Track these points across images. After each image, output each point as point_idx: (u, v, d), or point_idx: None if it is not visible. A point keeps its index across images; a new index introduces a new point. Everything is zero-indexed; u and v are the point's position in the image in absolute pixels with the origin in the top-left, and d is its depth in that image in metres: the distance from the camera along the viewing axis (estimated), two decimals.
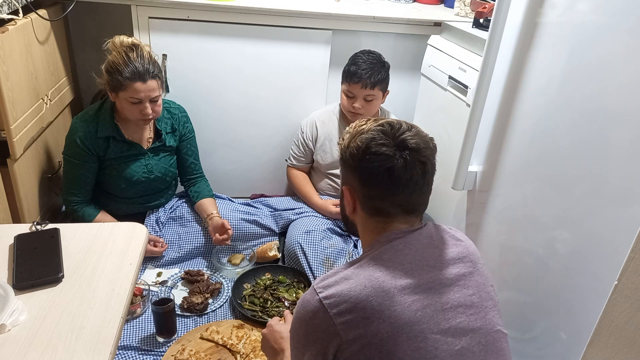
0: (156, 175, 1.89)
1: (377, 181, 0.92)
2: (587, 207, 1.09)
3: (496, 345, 0.90)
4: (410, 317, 0.83)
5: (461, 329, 0.86)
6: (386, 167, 0.91)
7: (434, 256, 0.91)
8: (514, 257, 1.35)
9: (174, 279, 1.85)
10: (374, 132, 0.94)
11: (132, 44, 1.68)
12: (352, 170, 0.96)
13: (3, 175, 1.57)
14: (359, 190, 0.95)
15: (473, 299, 0.90)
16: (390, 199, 0.93)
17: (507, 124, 1.36)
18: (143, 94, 1.67)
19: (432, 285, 0.88)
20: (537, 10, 1.24)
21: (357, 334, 0.83)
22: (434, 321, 0.85)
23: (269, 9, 1.97)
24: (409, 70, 2.21)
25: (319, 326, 0.85)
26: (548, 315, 1.21)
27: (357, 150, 0.93)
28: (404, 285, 0.86)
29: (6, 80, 1.52)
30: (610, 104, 1.03)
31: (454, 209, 1.66)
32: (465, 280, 0.91)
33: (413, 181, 0.92)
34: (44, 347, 0.91)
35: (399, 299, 0.84)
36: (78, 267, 1.11)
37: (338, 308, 0.84)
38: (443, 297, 0.87)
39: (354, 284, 0.85)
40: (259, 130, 2.24)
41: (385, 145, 0.92)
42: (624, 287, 0.99)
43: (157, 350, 1.56)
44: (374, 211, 0.95)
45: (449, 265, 0.91)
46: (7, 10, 1.58)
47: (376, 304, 0.83)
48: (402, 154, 0.91)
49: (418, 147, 0.93)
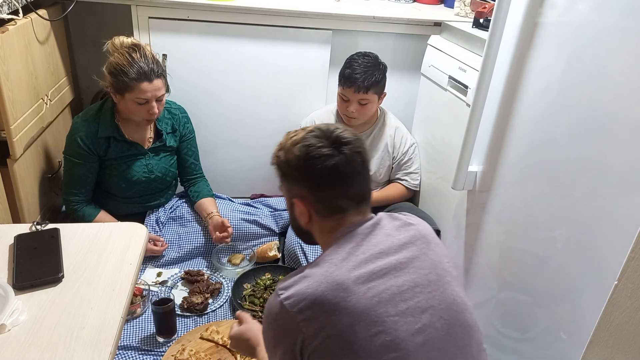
0: (156, 175, 1.89)
1: (326, 182, 0.97)
2: (587, 207, 1.09)
3: (459, 317, 0.93)
4: (366, 305, 0.86)
5: (420, 307, 0.89)
6: (330, 165, 0.95)
7: (387, 243, 0.95)
8: (514, 257, 1.35)
9: (174, 279, 1.85)
10: (308, 139, 0.98)
11: (133, 44, 1.68)
12: (297, 181, 0.99)
13: (3, 175, 1.57)
14: (310, 197, 0.99)
15: (430, 277, 0.93)
16: (341, 195, 0.97)
17: (507, 124, 1.36)
18: (150, 93, 1.67)
19: (387, 270, 0.91)
20: (537, 10, 1.24)
21: (317, 328, 0.86)
22: (391, 304, 0.88)
23: (269, 9, 1.97)
24: (409, 70, 2.21)
25: (284, 325, 0.90)
26: (548, 316, 1.21)
27: (299, 160, 0.97)
28: (358, 275, 0.89)
29: (6, 80, 1.52)
30: (610, 104, 1.03)
31: (454, 209, 1.66)
32: (420, 262, 0.94)
33: (357, 172, 0.97)
34: (44, 347, 0.91)
35: (354, 289, 0.87)
36: (78, 267, 1.11)
37: (298, 306, 0.88)
38: (399, 280, 0.90)
39: (311, 282, 0.89)
40: (258, 130, 2.24)
41: (323, 146, 0.96)
42: (624, 287, 0.99)
43: (157, 350, 1.56)
44: (330, 211, 0.99)
45: (402, 249, 0.95)
46: (7, 10, 1.58)
47: (332, 297, 0.87)
48: (341, 150, 0.96)
49: (352, 139, 0.98)
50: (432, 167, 2.07)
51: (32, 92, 1.72)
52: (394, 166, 2.13)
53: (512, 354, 1.36)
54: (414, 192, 2.16)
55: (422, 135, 2.15)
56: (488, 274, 1.46)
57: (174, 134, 1.92)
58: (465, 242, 1.58)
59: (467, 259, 1.57)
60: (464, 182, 1.50)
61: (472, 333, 0.94)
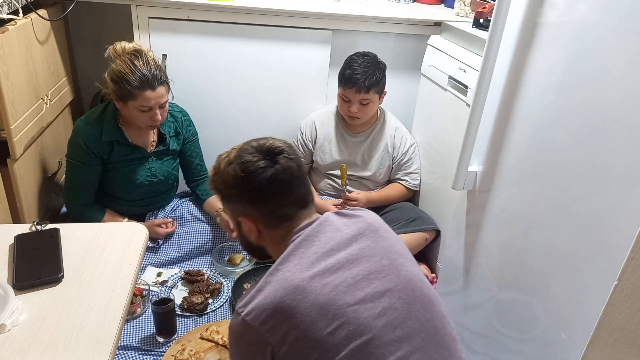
0: (159, 178, 1.89)
1: (267, 193, 0.99)
2: (587, 207, 1.09)
3: (417, 294, 0.95)
4: (325, 300, 0.89)
5: (377, 292, 0.92)
6: (268, 177, 0.98)
7: (337, 239, 0.97)
8: (514, 257, 1.35)
9: (174, 279, 1.85)
10: (241, 156, 1.01)
11: (135, 50, 1.66)
12: (239, 199, 1.02)
13: (3, 175, 1.57)
14: (256, 212, 1.01)
15: (382, 262, 0.96)
16: (285, 202, 1.01)
17: (507, 124, 1.36)
18: (153, 101, 1.66)
19: (340, 265, 0.93)
20: (537, 10, 1.24)
21: (282, 334, 0.88)
22: (349, 295, 0.90)
23: (268, 9, 1.97)
24: (409, 70, 2.21)
25: (251, 341, 0.91)
26: (548, 315, 1.21)
27: (236, 179, 1.00)
28: (312, 274, 0.91)
29: (6, 80, 1.52)
30: (610, 104, 1.03)
31: (454, 209, 1.66)
32: (371, 250, 0.97)
33: (295, 177, 1.01)
34: (44, 347, 0.91)
35: (311, 289, 0.89)
36: (78, 267, 1.11)
37: (260, 318, 0.89)
38: (353, 271, 0.93)
39: (268, 292, 0.91)
40: (258, 130, 2.22)
41: (258, 160, 0.99)
42: (624, 287, 0.99)
43: (157, 350, 1.56)
44: (278, 221, 1.01)
45: (352, 242, 0.97)
46: (7, 10, 1.58)
47: (290, 301, 0.88)
48: (275, 160, 1.00)
49: (284, 148, 1.02)
50: (432, 167, 2.07)
51: (32, 92, 1.72)
52: (394, 166, 2.13)
53: (512, 354, 1.36)
54: (414, 192, 2.17)
55: (422, 135, 2.15)
56: (488, 274, 1.46)
57: (177, 138, 1.92)
58: (465, 242, 1.58)
59: (467, 259, 1.57)
60: (464, 182, 1.50)
61: (433, 307, 0.96)
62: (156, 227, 1.91)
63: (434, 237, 2.02)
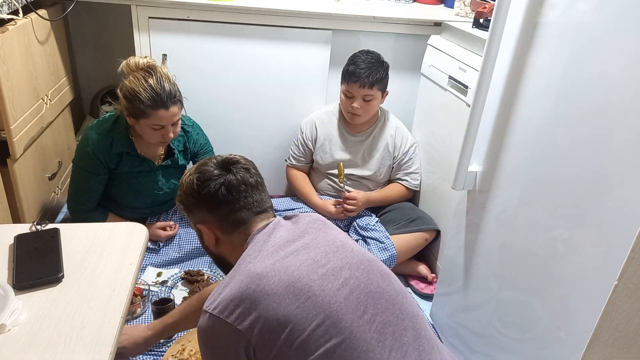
0: (165, 191, 1.89)
1: (220, 200, 1.05)
2: (587, 207, 1.09)
3: (373, 265, 1.02)
4: (290, 279, 0.93)
5: (337, 267, 0.98)
6: (220, 183, 1.05)
7: (290, 234, 1.04)
8: (514, 257, 1.35)
9: (174, 279, 1.85)
10: (200, 167, 1.09)
11: (149, 66, 1.64)
12: (196, 207, 1.09)
13: (3, 175, 1.57)
14: (212, 219, 1.07)
15: (336, 244, 1.03)
16: (238, 208, 1.06)
17: (507, 124, 1.36)
18: (166, 120, 1.65)
19: (298, 251, 0.99)
20: (537, 10, 1.24)
21: (252, 319, 0.90)
22: (312, 272, 0.95)
23: (268, 9, 1.97)
24: (409, 70, 2.21)
25: (221, 335, 0.92)
26: (548, 315, 1.21)
27: (192, 186, 1.07)
28: (273, 262, 0.96)
29: (6, 80, 1.52)
30: (610, 104, 1.03)
31: (454, 209, 1.66)
32: (322, 238, 1.04)
33: (248, 185, 1.07)
34: (44, 347, 0.91)
35: (274, 272, 0.94)
36: (78, 267, 1.11)
37: (227, 310, 0.91)
38: (311, 254, 0.99)
39: (232, 285, 0.94)
40: (258, 130, 2.24)
41: (214, 169, 1.08)
42: (624, 287, 0.99)
43: (157, 350, 1.56)
44: (232, 227, 1.07)
45: (304, 235, 1.04)
46: (7, 10, 1.58)
47: (255, 286, 0.92)
48: (228, 168, 1.08)
49: (240, 159, 1.12)
50: (432, 167, 2.07)
51: (32, 92, 1.72)
52: (395, 166, 2.13)
53: (512, 354, 1.36)
54: (414, 192, 2.16)
55: (422, 135, 2.15)
56: (488, 274, 1.46)
57: (185, 152, 1.91)
58: (465, 242, 1.58)
59: (467, 259, 1.57)
60: (464, 182, 1.50)
61: (390, 278, 1.03)
62: (157, 229, 1.90)
63: (434, 237, 2.02)
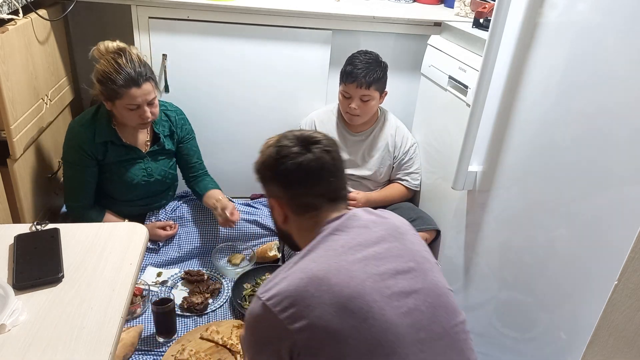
0: (156, 178, 1.89)
1: (295, 179, 1.01)
2: (587, 207, 1.09)
3: (442, 300, 0.95)
4: (351, 293, 0.87)
5: (404, 292, 0.91)
6: (298, 162, 1.00)
7: (364, 236, 0.97)
8: (514, 257, 1.35)
9: (174, 279, 1.85)
10: (281, 140, 1.05)
11: (119, 49, 1.65)
12: (271, 180, 1.05)
13: (3, 175, 1.57)
14: (284, 196, 1.04)
15: (410, 264, 0.95)
16: (312, 192, 1.02)
17: (507, 124, 1.36)
18: (140, 98, 1.65)
19: (367, 261, 0.92)
20: (537, 10, 1.24)
21: (303, 324, 0.86)
22: (376, 291, 0.89)
23: (268, 9, 1.97)
24: (409, 70, 2.21)
25: (268, 327, 0.90)
26: (548, 315, 1.21)
27: (271, 159, 1.04)
28: (338, 267, 0.90)
29: (6, 80, 1.52)
30: (610, 104, 1.03)
31: (454, 209, 1.66)
32: (398, 251, 0.96)
33: (326, 170, 1.01)
34: (44, 347, 0.91)
35: (336, 280, 0.88)
36: (78, 267, 1.11)
37: (281, 305, 0.88)
38: (380, 269, 0.92)
39: (291, 279, 0.90)
40: (258, 130, 2.22)
41: (294, 145, 1.02)
42: (624, 287, 0.99)
43: (157, 350, 1.56)
44: (302, 209, 1.03)
45: (379, 242, 0.96)
46: (7, 10, 1.58)
47: (314, 291, 0.87)
48: (309, 148, 1.01)
49: (322, 139, 1.04)
50: (432, 167, 2.07)
51: (32, 92, 1.72)
52: (395, 166, 2.13)
53: (512, 354, 1.36)
54: (414, 192, 2.16)
55: (422, 135, 2.15)
56: (488, 274, 1.46)
57: (172, 137, 1.92)
58: (465, 242, 1.58)
59: (467, 259, 1.57)
60: (464, 182, 1.50)
61: (456, 316, 0.96)
62: (157, 229, 1.91)
63: (434, 237, 2.02)
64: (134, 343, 1.54)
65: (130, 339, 1.52)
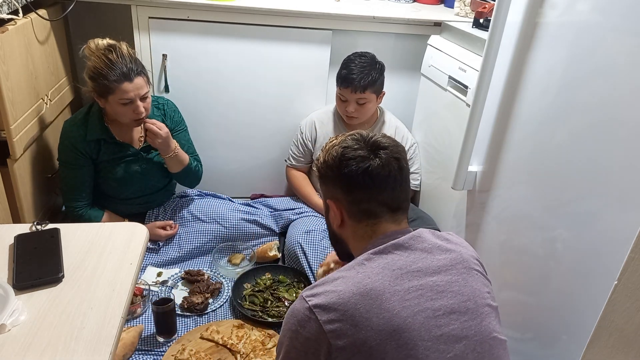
0: (152, 174, 1.89)
1: (358, 183, 0.96)
2: (587, 207, 1.09)
3: (492, 352, 0.89)
4: (400, 324, 0.83)
5: (454, 336, 0.85)
6: (364, 167, 0.95)
7: (425, 262, 0.91)
8: (514, 257, 1.35)
9: (174, 279, 1.85)
10: (347, 141, 0.99)
11: (109, 45, 1.65)
12: (332, 182, 0.99)
13: (3, 175, 1.57)
14: (344, 199, 0.98)
15: (468, 304, 0.89)
16: (374, 198, 0.96)
17: (507, 124, 1.36)
18: (132, 93, 1.65)
19: (424, 291, 0.87)
20: (537, 10, 1.24)
21: (346, 342, 0.82)
22: (425, 328, 0.84)
23: (269, 9, 1.97)
24: (409, 70, 2.21)
25: (310, 335, 0.85)
26: (548, 315, 1.21)
27: (334, 160, 0.98)
28: (393, 291, 0.85)
29: (6, 80, 1.52)
30: (610, 104, 1.03)
31: (454, 209, 1.66)
32: (459, 287, 0.90)
33: (392, 178, 0.96)
34: (44, 347, 0.91)
35: (388, 306, 0.83)
36: (78, 267, 1.11)
37: (327, 316, 0.84)
38: (435, 304, 0.86)
39: (343, 291, 0.85)
40: (258, 130, 2.24)
41: (360, 148, 0.97)
42: (624, 287, 0.99)
43: (157, 350, 1.56)
44: (361, 215, 0.97)
45: (441, 271, 0.90)
46: (7, 10, 1.58)
47: (364, 311, 0.83)
48: (377, 153, 0.96)
49: (390, 145, 0.98)
50: (432, 167, 2.07)
51: (32, 92, 1.72)
52: None
53: (512, 354, 1.36)
54: (414, 192, 2.17)
55: (422, 135, 2.15)
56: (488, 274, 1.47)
57: None
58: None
59: None
60: (464, 182, 1.50)
61: None
62: (158, 229, 1.91)
63: None
64: (134, 343, 1.54)
65: (130, 339, 1.52)
